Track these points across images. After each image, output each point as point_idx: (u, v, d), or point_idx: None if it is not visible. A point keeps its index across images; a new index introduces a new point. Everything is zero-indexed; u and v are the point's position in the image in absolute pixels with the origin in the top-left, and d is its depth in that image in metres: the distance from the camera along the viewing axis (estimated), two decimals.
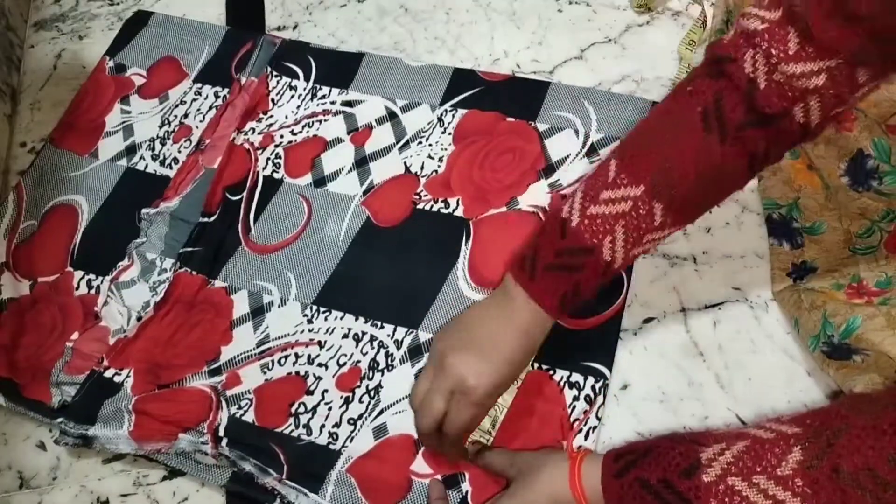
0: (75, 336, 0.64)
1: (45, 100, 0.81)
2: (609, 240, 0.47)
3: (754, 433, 0.42)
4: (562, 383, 0.58)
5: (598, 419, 0.56)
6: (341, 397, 0.59)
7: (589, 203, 0.47)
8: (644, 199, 0.46)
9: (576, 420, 0.56)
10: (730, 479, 0.40)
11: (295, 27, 0.81)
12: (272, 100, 0.75)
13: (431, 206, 0.66)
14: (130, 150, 0.74)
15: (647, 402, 0.58)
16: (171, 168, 0.72)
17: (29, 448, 0.62)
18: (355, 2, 0.82)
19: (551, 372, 0.58)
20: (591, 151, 0.67)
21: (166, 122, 0.75)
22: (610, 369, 0.58)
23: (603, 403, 0.57)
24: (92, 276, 0.68)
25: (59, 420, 0.59)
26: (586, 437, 0.56)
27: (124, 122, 0.76)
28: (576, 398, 0.57)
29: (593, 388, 0.57)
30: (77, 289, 0.67)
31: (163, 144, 0.74)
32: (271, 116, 0.74)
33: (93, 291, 0.67)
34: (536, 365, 0.59)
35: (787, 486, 0.38)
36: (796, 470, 0.38)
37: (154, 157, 0.74)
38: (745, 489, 0.39)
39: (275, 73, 0.76)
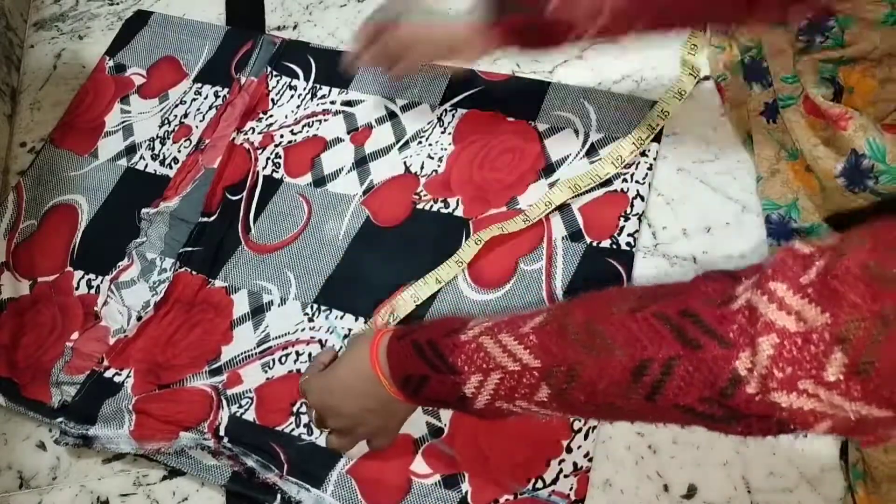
0: (75, 336, 0.65)
1: (45, 100, 0.81)
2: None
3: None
4: None
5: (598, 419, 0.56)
6: None
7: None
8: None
9: (575, 419, 0.56)
10: (482, 339, 0.43)
11: (295, 27, 0.81)
12: (272, 99, 0.75)
13: (431, 206, 0.66)
14: (130, 150, 0.74)
15: None
16: (170, 168, 0.72)
17: (29, 448, 0.62)
18: (355, 2, 0.82)
19: None
20: (591, 151, 0.67)
21: (166, 121, 0.75)
22: None
23: None
24: (92, 276, 0.68)
25: (59, 420, 0.60)
26: (586, 436, 0.56)
27: (124, 121, 0.76)
28: None
29: None
30: (77, 289, 0.67)
31: (163, 144, 0.74)
32: (271, 116, 0.74)
33: (93, 291, 0.67)
34: None
35: (524, 342, 0.41)
36: (535, 329, 0.41)
37: (154, 157, 0.74)
38: (491, 346, 0.42)
39: (275, 72, 0.76)
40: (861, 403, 0.31)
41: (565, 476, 0.55)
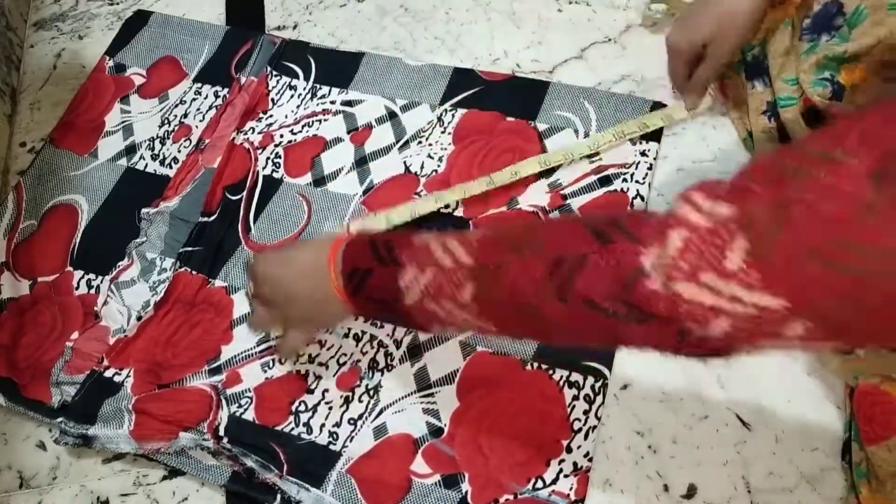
0: (75, 336, 0.64)
1: (45, 99, 0.81)
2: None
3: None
4: (561, 383, 0.58)
5: (598, 419, 0.56)
6: (341, 397, 0.59)
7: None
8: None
9: (575, 419, 0.56)
10: (431, 241, 0.45)
11: (295, 27, 0.81)
12: (272, 99, 0.75)
13: None
14: (130, 150, 0.74)
15: (647, 402, 0.57)
16: (170, 168, 0.72)
17: (29, 448, 0.62)
18: (355, 1, 0.82)
19: (551, 371, 0.58)
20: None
21: (166, 121, 0.75)
22: (610, 369, 0.58)
23: (602, 403, 0.57)
24: (92, 276, 0.68)
25: (59, 420, 0.59)
26: (586, 436, 0.56)
27: (124, 121, 0.76)
28: (575, 398, 0.57)
29: (593, 387, 0.57)
30: (77, 288, 0.67)
31: (162, 144, 0.74)
32: (271, 116, 0.74)
33: (93, 291, 0.67)
34: (536, 364, 0.59)
35: (465, 245, 0.43)
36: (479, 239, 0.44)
37: (154, 157, 0.74)
38: (436, 246, 0.44)
39: (275, 72, 0.76)
40: (759, 293, 0.32)
41: (565, 476, 0.55)
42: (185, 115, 0.75)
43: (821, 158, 0.31)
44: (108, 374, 0.62)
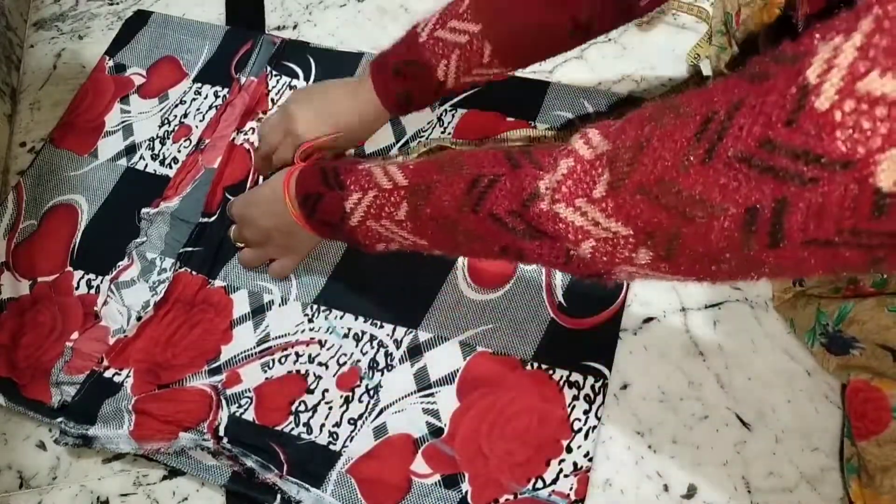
0: (75, 336, 0.64)
1: (45, 99, 0.81)
2: (444, 63, 0.56)
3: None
4: (561, 383, 0.58)
5: (598, 419, 0.56)
6: (341, 397, 0.59)
7: (438, 26, 0.57)
8: (479, 36, 0.54)
9: (575, 419, 0.56)
10: (373, 167, 0.51)
11: (295, 27, 0.81)
12: (272, 99, 0.75)
13: None
14: (130, 150, 0.74)
15: (647, 402, 0.58)
16: (170, 168, 0.72)
17: (29, 448, 0.62)
18: (355, 1, 0.82)
19: (551, 371, 0.58)
20: None
21: (166, 121, 0.75)
22: (610, 369, 0.58)
23: (602, 403, 0.57)
24: (92, 276, 0.68)
25: (59, 420, 0.59)
26: (586, 436, 0.56)
27: (124, 121, 0.76)
28: (575, 398, 0.57)
29: (593, 387, 0.57)
30: (77, 288, 0.67)
31: (162, 144, 0.74)
32: None
33: (92, 291, 0.67)
34: (536, 364, 0.59)
35: (403, 169, 0.49)
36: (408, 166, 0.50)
37: (154, 157, 0.74)
38: (378, 171, 0.50)
39: (274, 72, 0.76)
40: (612, 220, 0.37)
41: (565, 476, 0.55)
42: (185, 115, 0.75)
43: (672, 109, 0.35)
44: (107, 374, 0.62)
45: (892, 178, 0.27)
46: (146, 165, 0.73)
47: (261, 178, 0.70)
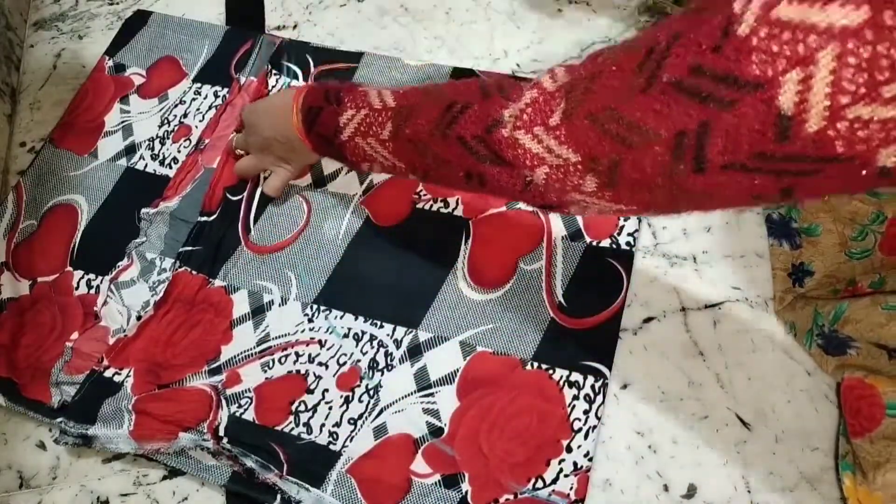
0: (75, 336, 0.64)
1: (45, 99, 0.81)
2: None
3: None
4: (561, 382, 0.58)
5: (598, 418, 0.56)
6: (341, 397, 0.59)
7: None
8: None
9: (575, 419, 0.56)
10: (370, 90, 0.54)
11: (295, 27, 0.81)
12: None
13: (431, 206, 0.66)
14: (130, 150, 0.74)
15: (647, 402, 0.58)
16: (170, 168, 0.72)
17: (29, 448, 0.62)
18: (355, 1, 0.82)
19: (550, 371, 0.58)
20: None
21: (165, 121, 0.75)
22: (610, 369, 0.58)
23: (602, 403, 0.57)
24: (91, 276, 0.68)
25: (59, 420, 0.59)
26: (586, 436, 0.56)
27: (123, 121, 0.76)
28: (575, 397, 0.57)
29: (593, 387, 0.57)
30: (77, 288, 0.67)
31: (162, 144, 0.74)
32: None
33: (92, 291, 0.67)
34: (536, 364, 0.59)
35: (395, 93, 0.53)
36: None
37: (153, 157, 0.74)
38: (372, 94, 0.53)
39: (274, 71, 0.76)
40: (564, 147, 0.39)
41: (565, 476, 0.55)
42: (185, 115, 0.75)
43: (625, 44, 0.37)
44: (107, 373, 0.62)
45: (792, 100, 0.29)
46: (146, 165, 0.73)
47: (261, 178, 0.70)
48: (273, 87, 0.75)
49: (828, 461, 0.54)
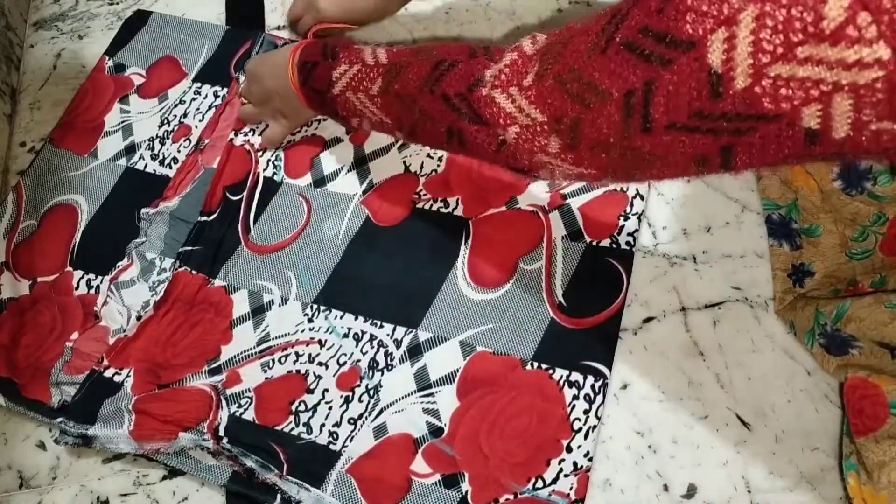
0: (75, 336, 0.64)
1: (45, 99, 0.81)
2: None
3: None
4: (561, 382, 0.58)
5: (598, 418, 0.56)
6: (341, 396, 0.59)
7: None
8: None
9: (575, 419, 0.56)
10: (366, 48, 0.56)
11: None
12: None
13: (431, 206, 0.66)
14: (130, 150, 0.74)
15: (646, 402, 0.58)
16: (170, 168, 0.72)
17: (29, 448, 0.62)
18: None
19: (550, 371, 0.58)
20: None
21: (165, 121, 0.75)
22: (610, 368, 0.58)
23: (603, 403, 0.57)
24: (91, 276, 0.68)
25: (59, 420, 0.59)
26: (586, 436, 0.56)
27: (123, 121, 0.76)
28: (575, 397, 0.57)
29: (593, 387, 0.57)
30: (77, 288, 0.67)
31: (162, 144, 0.74)
32: None
33: (92, 291, 0.67)
34: (536, 364, 0.59)
35: (388, 52, 0.55)
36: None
37: (153, 157, 0.74)
38: (367, 51, 0.56)
39: None
40: (532, 106, 0.41)
41: (565, 476, 0.55)
42: (185, 115, 0.75)
43: (597, 14, 0.39)
44: (107, 373, 0.62)
45: (720, 59, 0.31)
46: (146, 165, 0.73)
47: (260, 176, 0.70)
48: None
49: (828, 461, 0.54)
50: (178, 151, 0.73)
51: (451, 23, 0.79)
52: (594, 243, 0.63)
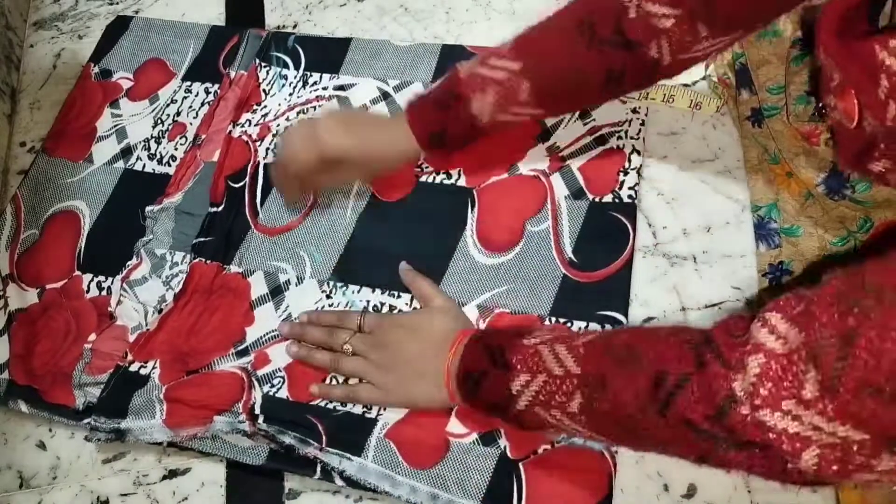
0: (92, 337, 0.64)
1: (45, 99, 0.81)
2: (480, 96, 0.56)
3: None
4: None
5: None
6: None
7: (479, 65, 0.57)
8: (518, 74, 0.55)
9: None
10: (540, 346, 0.47)
11: (295, 26, 0.81)
12: (264, 90, 0.75)
13: (434, 179, 0.67)
14: (126, 152, 0.74)
15: None
16: (169, 165, 0.73)
17: (29, 448, 0.62)
18: (355, 1, 0.82)
19: (569, 324, 0.59)
20: (584, 113, 0.68)
21: (159, 121, 0.75)
22: (626, 316, 0.59)
23: None
24: (101, 278, 0.68)
25: (87, 421, 0.59)
26: None
27: (116, 125, 0.76)
28: None
29: None
30: (87, 291, 0.67)
31: (158, 143, 0.74)
32: (265, 107, 0.74)
33: (104, 293, 0.67)
34: (554, 319, 0.60)
35: (573, 352, 0.45)
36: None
37: (151, 157, 0.74)
38: (546, 352, 0.47)
39: (263, 63, 0.77)
40: (837, 423, 0.33)
41: None
42: (178, 114, 0.75)
43: (876, 295, 0.32)
44: (133, 367, 0.62)
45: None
46: (144, 166, 0.73)
47: (260, 166, 0.70)
48: (264, 79, 0.76)
49: None
50: (176, 149, 0.73)
51: (451, 23, 0.79)
52: (597, 199, 0.64)
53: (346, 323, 0.59)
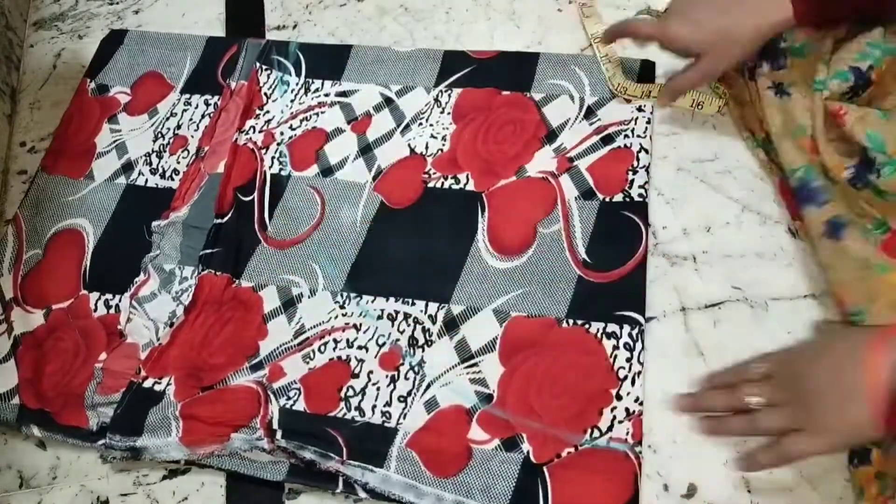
0: (103, 357, 0.63)
1: (45, 99, 0.80)
2: None
3: None
4: (598, 335, 0.59)
5: (641, 364, 0.57)
6: (387, 376, 0.59)
7: None
8: None
9: (619, 368, 0.57)
10: None
11: (294, 27, 0.81)
12: (265, 94, 0.75)
13: (442, 184, 0.67)
14: (127, 167, 0.73)
15: (647, 402, 0.57)
16: (172, 179, 0.72)
17: (29, 448, 0.62)
18: (355, 1, 0.82)
19: (587, 326, 0.59)
20: (589, 113, 0.68)
21: (160, 135, 0.75)
22: (643, 315, 0.59)
23: (643, 349, 0.58)
24: (109, 296, 0.67)
25: (101, 442, 0.58)
26: (633, 382, 0.57)
27: (115, 140, 0.75)
28: (615, 347, 0.58)
29: (630, 335, 0.58)
30: (95, 310, 0.66)
31: (160, 157, 0.73)
32: (268, 112, 0.74)
33: (112, 311, 0.66)
34: (571, 321, 0.59)
35: None
36: None
37: (153, 171, 0.73)
38: None
39: (264, 66, 0.76)
40: None
41: (619, 422, 0.55)
42: (179, 127, 0.75)
43: None
44: (147, 384, 0.61)
45: None
46: (146, 181, 0.72)
47: (267, 174, 0.70)
48: (265, 83, 0.75)
49: (828, 461, 0.54)
50: (178, 162, 0.72)
51: (451, 23, 0.79)
52: (608, 199, 0.64)
53: (745, 375, 0.51)
